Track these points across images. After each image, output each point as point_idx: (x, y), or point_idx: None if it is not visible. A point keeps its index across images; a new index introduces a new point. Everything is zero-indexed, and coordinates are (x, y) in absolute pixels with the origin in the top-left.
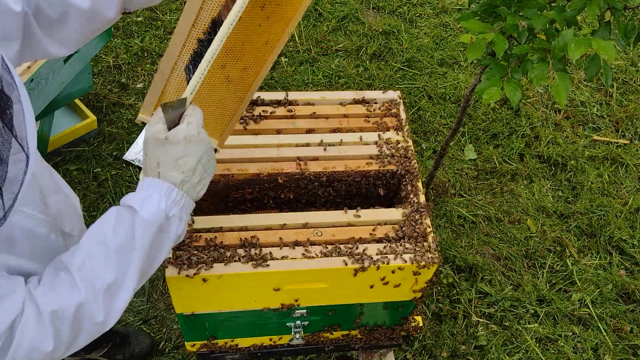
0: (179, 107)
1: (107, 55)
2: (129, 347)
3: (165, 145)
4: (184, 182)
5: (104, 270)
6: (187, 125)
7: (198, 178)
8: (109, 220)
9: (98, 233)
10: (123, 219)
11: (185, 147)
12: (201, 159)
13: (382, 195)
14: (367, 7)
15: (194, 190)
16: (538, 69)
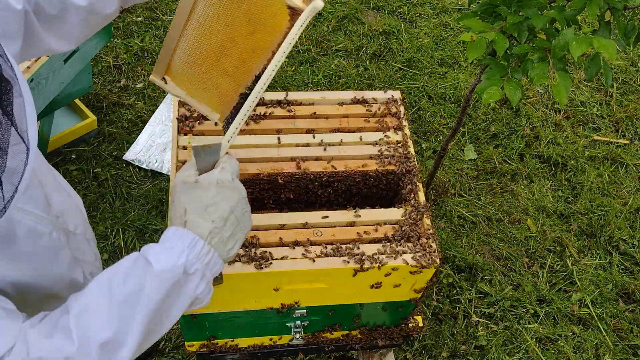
0: (213, 154)
1: (107, 55)
2: None
3: (194, 190)
4: (213, 233)
5: (103, 324)
6: (221, 170)
7: (230, 232)
8: (122, 267)
9: (107, 278)
10: (136, 269)
11: (217, 192)
12: (234, 209)
13: (381, 195)
14: (367, 7)
15: (224, 247)
16: (538, 69)
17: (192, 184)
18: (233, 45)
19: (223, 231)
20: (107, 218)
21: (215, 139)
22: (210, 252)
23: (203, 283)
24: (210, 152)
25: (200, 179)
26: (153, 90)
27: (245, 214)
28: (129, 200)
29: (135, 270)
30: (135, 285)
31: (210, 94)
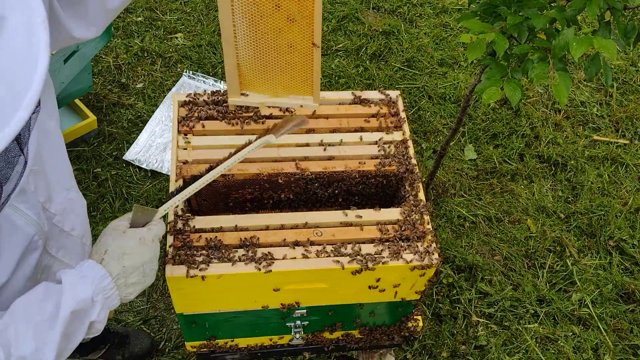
0: (148, 216)
1: (107, 55)
2: (128, 347)
3: (119, 238)
4: (120, 276)
5: (24, 340)
6: (148, 230)
7: (134, 280)
8: (37, 295)
9: (25, 305)
10: (50, 295)
11: (136, 246)
12: (145, 264)
13: (381, 195)
14: (367, 7)
15: (125, 289)
16: (538, 69)
17: (120, 233)
18: (284, 16)
19: (129, 277)
20: (107, 218)
21: (155, 210)
22: (113, 289)
23: (103, 312)
24: (146, 215)
25: (128, 231)
26: (153, 90)
27: (152, 271)
28: (129, 200)
29: (49, 296)
30: (52, 311)
31: (290, 79)
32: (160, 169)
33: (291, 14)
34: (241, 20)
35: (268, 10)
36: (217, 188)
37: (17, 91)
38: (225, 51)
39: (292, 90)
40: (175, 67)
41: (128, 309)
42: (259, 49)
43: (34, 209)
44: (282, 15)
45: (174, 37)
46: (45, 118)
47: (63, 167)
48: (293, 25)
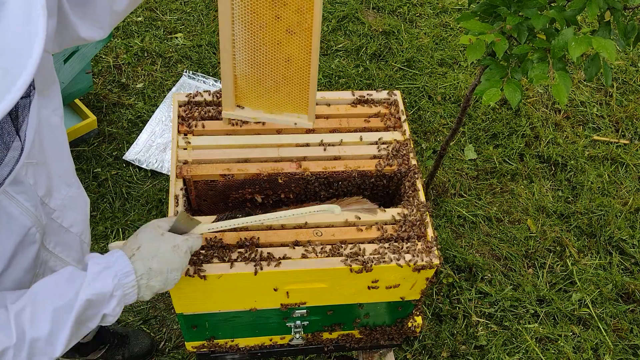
0: (190, 227)
1: (107, 55)
2: (127, 347)
3: (156, 239)
4: (143, 276)
5: (40, 322)
6: (184, 240)
7: (155, 283)
8: (61, 280)
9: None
10: (74, 281)
11: (169, 252)
12: (170, 272)
13: (381, 195)
14: (367, 7)
15: (145, 289)
16: (538, 69)
17: (159, 234)
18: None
19: (152, 279)
20: (107, 218)
21: (200, 222)
22: (134, 287)
23: (118, 307)
24: (188, 224)
25: (166, 235)
26: (153, 90)
27: (174, 280)
28: (129, 200)
29: (72, 282)
30: (69, 297)
31: (285, 95)
32: (160, 169)
33: (291, 26)
34: (240, 29)
35: (268, 20)
36: (217, 188)
37: (11, 73)
38: (222, 60)
39: (287, 107)
40: (175, 67)
41: (128, 309)
42: (257, 61)
43: (32, 201)
44: (282, 27)
45: (174, 37)
46: (50, 113)
47: (65, 164)
48: (292, 38)
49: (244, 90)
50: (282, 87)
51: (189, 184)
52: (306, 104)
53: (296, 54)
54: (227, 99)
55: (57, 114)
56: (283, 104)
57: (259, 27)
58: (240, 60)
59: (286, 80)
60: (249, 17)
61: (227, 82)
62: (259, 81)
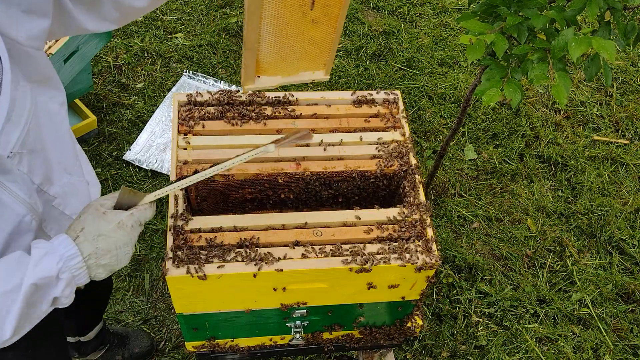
0: (135, 200)
1: (107, 55)
2: (127, 347)
3: (98, 219)
4: (92, 256)
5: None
6: (129, 214)
7: (106, 262)
8: (7, 265)
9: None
10: (20, 267)
11: (114, 230)
12: (119, 249)
13: (381, 195)
14: (367, 7)
15: (95, 269)
16: (538, 69)
17: (100, 213)
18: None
19: (100, 258)
20: None
21: (145, 194)
22: (82, 269)
23: (68, 288)
24: (132, 198)
25: (108, 213)
26: (153, 90)
27: (126, 255)
28: None
29: (21, 266)
30: (15, 282)
31: (306, 55)
32: (160, 169)
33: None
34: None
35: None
36: (217, 188)
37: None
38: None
39: (303, 66)
40: (175, 67)
41: (128, 309)
42: (285, 26)
43: (26, 189)
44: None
45: (174, 37)
46: (47, 100)
47: (66, 151)
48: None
49: (266, 59)
50: (303, 47)
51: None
52: (324, 59)
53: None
54: (248, 74)
55: (56, 101)
56: (300, 63)
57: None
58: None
59: (310, 42)
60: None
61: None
62: (280, 51)
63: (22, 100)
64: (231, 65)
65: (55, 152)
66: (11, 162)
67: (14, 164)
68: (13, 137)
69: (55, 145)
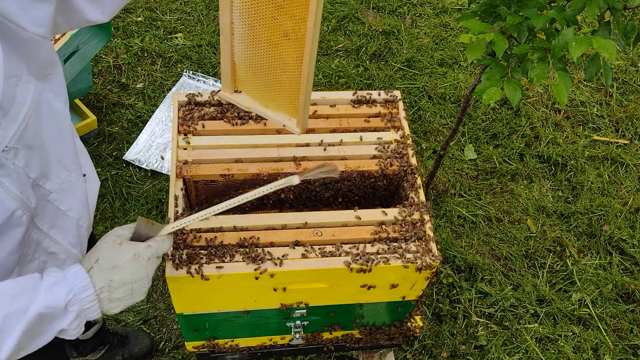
0: (153, 231)
1: (107, 55)
2: (127, 347)
3: (114, 250)
4: (104, 289)
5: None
6: (146, 247)
7: (120, 295)
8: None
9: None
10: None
11: (129, 261)
12: (135, 282)
13: (381, 195)
14: (367, 7)
15: (108, 303)
16: (538, 69)
17: (116, 244)
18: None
19: (114, 292)
20: (107, 218)
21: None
22: (93, 302)
23: (76, 321)
24: (150, 229)
25: (124, 244)
26: (153, 90)
27: (142, 289)
28: (129, 200)
29: (32, 289)
30: (21, 305)
31: (278, 95)
32: (160, 169)
33: (287, 30)
34: (239, 21)
35: (266, 18)
36: (217, 188)
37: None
38: (222, 46)
39: (280, 106)
40: (175, 67)
41: (128, 309)
42: (254, 56)
43: (19, 184)
44: (279, 29)
45: (174, 37)
46: (53, 97)
47: (66, 148)
48: (287, 42)
49: (242, 78)
50: (276, 87)
51: (189, 184)
52: (296, 109)
53: (290, 60)
54: (226, 80)
55: (61, 99)
56: (277, 102)
57: (257, 23)
58: (238, 51)
59: (279, 83)
60: (248, 11)
61: (225, 65)
62: (255, 75)
63: (23, 96)
64: None
65: (55, 149)
66: (5, 156)
67: (8, 158)
68: (9, 133)
69: (55, 143)
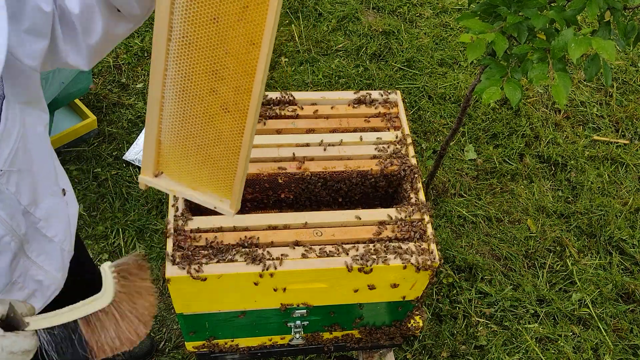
0: (24, 311)
1: (107, 55)
2: None
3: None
4: None
5: None
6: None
7: None
8: None
9: None
10: None
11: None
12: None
13: (381, 195)
14: (367, 7)
15: None
16: (538, 69)
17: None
18: (219, 103)
19: None
20: (107, 218)
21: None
22: None
23: None
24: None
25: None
26: None
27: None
28: (129, 200)
29: None
30: None
31: (211, 174)
32: None
33: (227, 103)
34: (171, 92)
35: (203, 91)
36: None
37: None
38: (147, 120)
39: (211, 186)
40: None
41: None
42: (185, 131)
43: (9, 210)
44: (217, 102)
45: None
46: (36, 121)
47: (50, 171)
48: (226, 115)
49: (167, 158)
50: (207, 165)
51: None
52: (230, 188)
53: (227, 134)
54: (148, 162)
55: (42, 123)
56: (208, 182)
57: (192, 96)
58: (167, 128)
59: (212, 161)
60: (182, 82)
61: (150, 144)
62: (184, 154)
63: (13, 118)
64: None
65: (41, 173)
66: (2, 180)
67: (2, 182)
68: (3, 154)
69: (41, 166)
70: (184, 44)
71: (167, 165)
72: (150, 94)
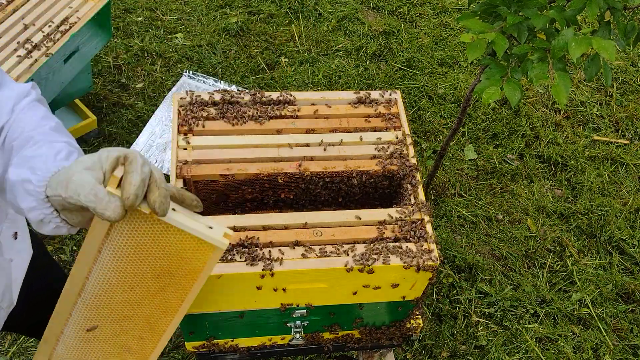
0: None
1: (107, 55)
2: None
3: None
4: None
5: None
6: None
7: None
8: None
9: None
10: None
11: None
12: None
13: (381, 195)
14: (367, 7)
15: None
16: (538, 69)
17: None
18: (139, 308)
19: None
20: None
21: None
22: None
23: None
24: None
25: None
26: (153, 90)
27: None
28: None
29: None
30: None
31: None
32: (160, 169)
33: (129, 347)
34: (96, 286)
35: (106, 334)
36: (217, 188)
37: None
38: (56, 314)
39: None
40: (175, 67)
41: None
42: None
43: None
44: (120, 344)
45: (174, 37)
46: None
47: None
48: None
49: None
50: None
51: (189, 184)
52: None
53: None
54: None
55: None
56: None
57: (93, 335)
58: (74, 324)
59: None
60: (86, 324)
61: (50, 337)
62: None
63: None
64: (231, 65)
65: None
66: None
67: None
68: None
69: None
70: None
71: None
72: (68, 284)
